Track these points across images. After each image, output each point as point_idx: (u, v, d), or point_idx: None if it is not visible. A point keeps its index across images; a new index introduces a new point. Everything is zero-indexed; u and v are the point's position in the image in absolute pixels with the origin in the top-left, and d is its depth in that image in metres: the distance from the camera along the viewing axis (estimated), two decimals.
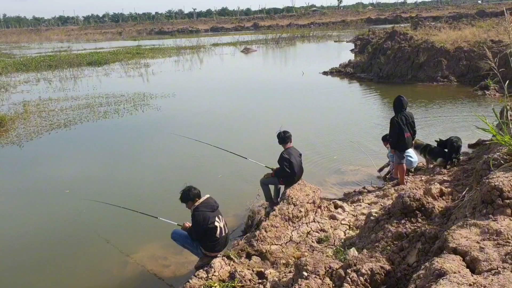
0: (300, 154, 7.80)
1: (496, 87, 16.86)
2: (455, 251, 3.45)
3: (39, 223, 8.15)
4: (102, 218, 7.91)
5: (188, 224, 6.08)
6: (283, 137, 7.63)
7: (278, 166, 7.63)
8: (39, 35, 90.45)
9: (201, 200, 5.93)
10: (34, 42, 76.71)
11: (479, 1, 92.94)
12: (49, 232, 7.84)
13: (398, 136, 7.93)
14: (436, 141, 9.26)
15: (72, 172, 10.68)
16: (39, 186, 10.07)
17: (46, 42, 74.47)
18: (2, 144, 13.10)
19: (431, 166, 9.17)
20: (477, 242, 3.47)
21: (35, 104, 18.56)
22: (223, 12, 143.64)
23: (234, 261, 5.49)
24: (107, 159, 11.72)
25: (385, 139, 8.96)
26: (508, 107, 6.36)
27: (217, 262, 5.38)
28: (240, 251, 5.70)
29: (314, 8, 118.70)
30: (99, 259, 6.89)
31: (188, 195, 5.93)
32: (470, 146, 10.36)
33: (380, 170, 9.43)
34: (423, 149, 9.18)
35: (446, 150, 8.95)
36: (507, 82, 6.21)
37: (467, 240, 3.55)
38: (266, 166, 8.03)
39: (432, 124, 13.09)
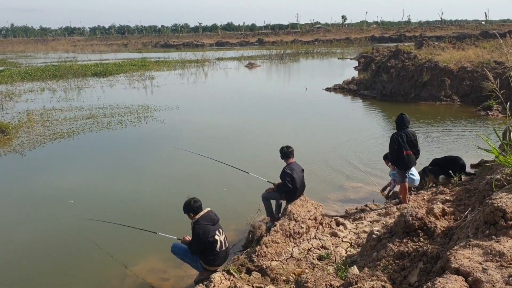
0: (303, 170, 7.80)
1: (499, 108, 16.89)
2: (457, 272, 3.43)
3: (37, 234, 8.12)
4: (101, 230, 7.85)
5: (188, 237, 6.06)
6: (286, 152, 7.63)
7: (280, 181, 7.63)
8: (45, 45, 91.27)
9: (202, 213, 5.92)
10: (40, 52, 77.36)
11: (483, 22, 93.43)
12: (48, 243, 7.80)
13: (397, 153, 7.93)
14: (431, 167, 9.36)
15: (72, 183, 10.66)
16: (39, 196, 10.03)
17: (52, 52, 75.05)
18: (4, 152, 13.13)
19: (433, 185, 9.16)
20: (480, 263, 3.45)
21: (39, 113, 18.66)
22: (229, 27, 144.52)
23: (234, 276, 5.45)
24: (108, 171, 11.71)
25: (386, 157, 8.96)
26: (511, 128, 6.37)
27: (217, 276, 5.35)
28: (240, 266, 5.66)
29: (319, 25, 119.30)
30: (98, 271, 6.86)
31: (189, 206, 5.92)
32: (472, 166, 10.34)
33: (383, 189, 9.39)
34: (423, 172, 9.23)
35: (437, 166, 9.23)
36: (508, 103, 6.23)
37: (469, 260, 3.52)
38: (268, 181, 8.02)
39: (434, 143, 13.08)
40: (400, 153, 7.89)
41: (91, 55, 65.06)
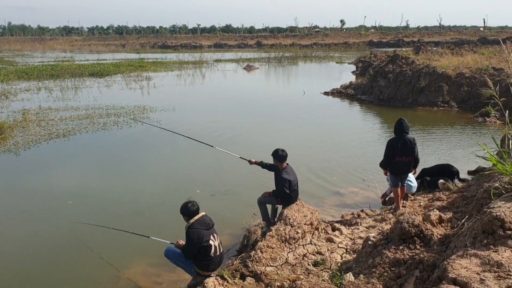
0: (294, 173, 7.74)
1: (496, 114, 16.89)
2: (454, 282, 3.38)
3: (29, 236, 8.00)
4: (94, 233, 7.75)
5: (182, 242, 5.98)
6: (282, 155, 7.51)
7: (274, 188, 7.57)
8: (43, 44, 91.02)
9: (197, 217, 5.83)
10: (37, 51, 77.16)
11: (481, 28, 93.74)
12: (40, 245, 7.69)
13: (390, 158, 7.92)
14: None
15: (67, 184, 10.55)
16: (32, 197, 9.89)
17: (49, 51, 74.83)
18: None
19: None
20: (478, 274, 3.39)
21: (35, 113, 18.54)
22: (227, 29, 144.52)
23: (227, 282, 5.38)
24: (103, 172, 11.62)
25: (381, 164, 8.91)
26: (509, 136, 6.33)
27: (211, 281, 5.27)
28: (234, 271, 5.59)
29: (317, 29, 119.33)
30: (91, 273, 6.77)
31: (186, 209, 5.84)
32: (469, 173, 10.30)
33: (383, 196, 9.31)
34: (421, 184, 9.24)
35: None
36: (507, 111, 6.19)
37: (467, 270, 3.47)
38: (240, 157, 8.14)
39: (430, 150, 13.04)
40: (392, 158, 7.89)
41: (89, 55, 64.89)
